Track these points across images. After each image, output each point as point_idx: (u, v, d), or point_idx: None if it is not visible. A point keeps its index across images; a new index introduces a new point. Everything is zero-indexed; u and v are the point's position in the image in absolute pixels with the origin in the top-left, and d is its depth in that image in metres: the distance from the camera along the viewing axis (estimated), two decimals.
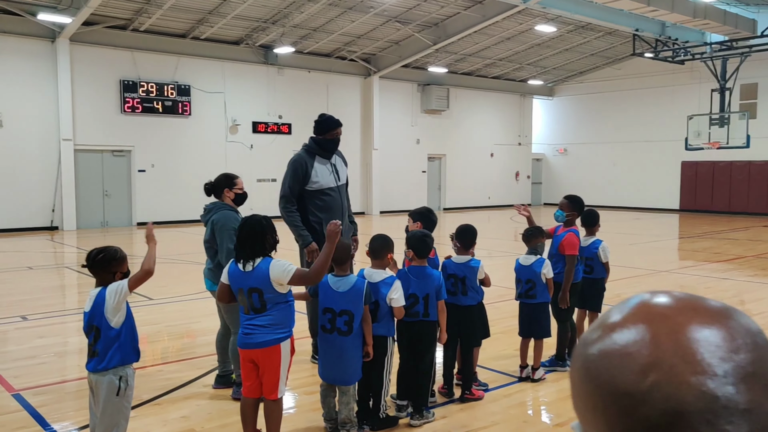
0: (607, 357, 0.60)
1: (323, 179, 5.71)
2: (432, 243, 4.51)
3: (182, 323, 7.53)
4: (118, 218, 18.98)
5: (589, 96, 28.26)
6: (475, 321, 4.89)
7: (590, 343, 0.63)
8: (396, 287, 4.12)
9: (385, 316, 4.13)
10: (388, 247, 4.28)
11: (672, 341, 0.58)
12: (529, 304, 5.30)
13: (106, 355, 3.35)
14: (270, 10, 18.27)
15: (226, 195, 5.13)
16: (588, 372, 0.61)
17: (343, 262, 4.07)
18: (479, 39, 22.03)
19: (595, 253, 5.81)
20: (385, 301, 4.10)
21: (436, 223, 5.10)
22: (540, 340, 5.30)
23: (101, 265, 3.45)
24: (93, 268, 3.46)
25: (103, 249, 3.51)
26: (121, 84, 18.58)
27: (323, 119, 6.00)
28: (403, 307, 4.16)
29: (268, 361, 3.64)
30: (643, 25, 21.02)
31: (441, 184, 26.67)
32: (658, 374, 0.57)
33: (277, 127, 21.79)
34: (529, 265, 5.30)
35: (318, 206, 5.65)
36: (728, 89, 21.68)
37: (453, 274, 4.87)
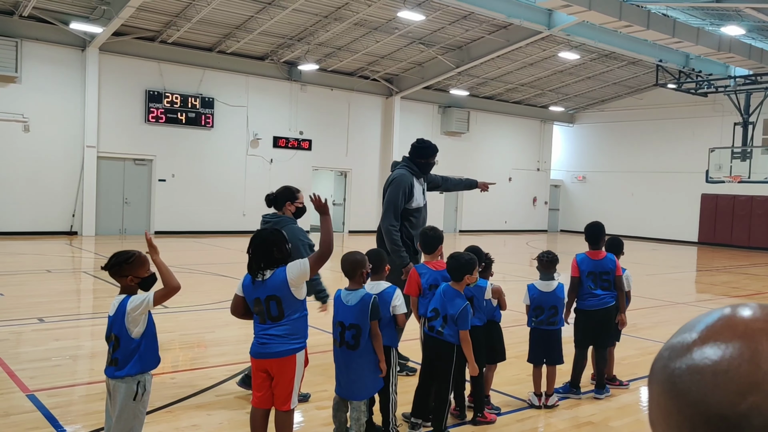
0: (697, 373, 0.55)
1: (419, 198, 6.07)
2: (467, 270, 4.40)
3: (196, 333, 7.57)
4: (137, 226, 19.17)
5: (610, 124, 28.20)
6: (481, 342, 4.75)
7: (676, 357, 0.58)
8: (397, 295, 4.16)
9: (387, 326, 4.13)
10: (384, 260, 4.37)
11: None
12: (547, 331, 5.20)
13: (126, 365, 3.36)
14: (296, 28, 18.52)
15: (287, 208, 5.29)
16: (674, 387, 0.56)
17: (352, 276, 4.07)
18: (502, 63, 22.14)
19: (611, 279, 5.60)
20: (387, 311, 4.11)
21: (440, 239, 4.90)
22: (554, 366, 5.25)
23: (114, 269, 3.47)
24: (109, 272, 3.49)
25: (117, 253, 3.52)
26: (147, 94, 18.88)
27: (427, 145, 6.20)
28: (405, 315, 4.19)
29: (281, 372, 3.64)
30: (666, 56, 21.00)
31: (458, 206, 26.65)
32: (758, 396, 0.51)
33: (297, 143, 21.97)
34: (552, 291, 5.20)
35: (411, 223, 5.92)
36: (751, 123, 21.54)
37: None
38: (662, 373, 0.59)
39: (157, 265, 3.53)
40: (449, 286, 4.43)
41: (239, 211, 20.68)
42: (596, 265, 5.43)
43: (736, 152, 21.11)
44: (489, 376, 5.02)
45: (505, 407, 5.20)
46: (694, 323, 0.60)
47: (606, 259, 5.48)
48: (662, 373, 0.59)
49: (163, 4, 16.47)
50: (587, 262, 5.47)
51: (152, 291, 3.45)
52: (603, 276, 5.42)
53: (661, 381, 0.58)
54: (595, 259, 5.47)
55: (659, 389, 0.58)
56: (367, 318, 3.91)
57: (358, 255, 4.14)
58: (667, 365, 0.59)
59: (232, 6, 16.75)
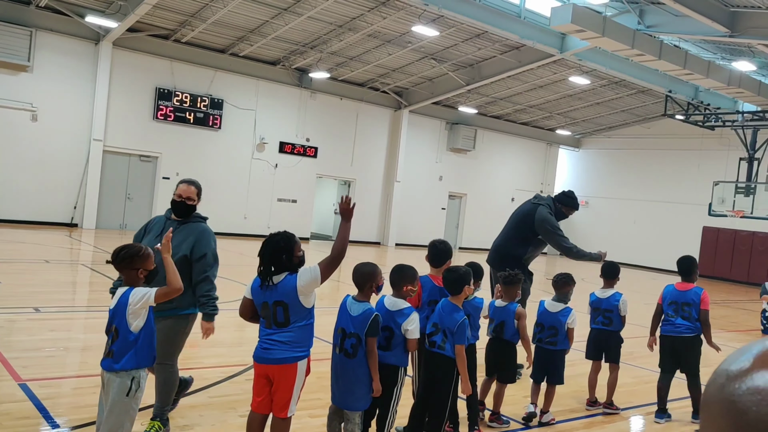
0: (757, 394, 0.57)
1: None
2: (465, 282, 4.40)
3: (192, 333, 7.49)
4: (137, 222, 19.07)
5: (616, 151, 28.26)
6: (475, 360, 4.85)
7: (734, 379, 0.59)
8: (413, 318, 4.05)
9: (399, 345, 4.08)
10: (406, 278, 4.19)
11: None
12: (548, 350, 5.38)
13: (121, 357, 3.35)
14: (309, 35, 18.61)
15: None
16: (733, 407, 0.58)
17: (361, 288, 4.03)
18: (512, 84, 22.21)
19: (615, 306, 5.88)
20: (400, 331, 4.06)
21: (448, 253, 4.89)
22: (553, 385, 5.37)
23: (125, 262, 3.47)
24: (118, 264, 3.49)
25: (126, 246, 3.53)
26: (157, 91, 18.93)
27: (574, 197, 7.11)
28: (417, 341, 4.11)
29: (283, 379, 3.61)
30: (676, 87, 21.08)
31: (459, 222, 26.64)
32: None
33: (303, 150, 22.00)
34: (555, 312, 5.41)
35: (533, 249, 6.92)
36: (757, 159, 21.57)
37: None
38: (720, 394, 0.60)
39: (166, 263, 3.53)
40: (448, 300, 4.41)
41: (241, 214, 20.68)
42: (680, 296, 5.82)
43: (740, 187, 21.11)
44: (501, 393, 5.19)
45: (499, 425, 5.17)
46: (749, 349, 0.62)
47: (691, 291, 5.81)
48: (720, 394, 0.60)
49: (180, 4, 16.56)
50: (672, 293, 5.90)
51: (154, 288, 3.44)
52: (684, 306, 5.77)
53: (719, 401, 0.60)
54: (680, 290, 5.86)
55: (717, 409, 0.60)
56: (365, 332, 3.87)
57: (370, 267, 4.04)
58: (725, 387, 0.60)
59: (248, 9, 16.84)
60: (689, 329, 5.72)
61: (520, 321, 5.18)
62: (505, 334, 5.19)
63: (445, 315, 4.34)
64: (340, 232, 3.72)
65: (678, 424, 5.86)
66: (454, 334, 4.26)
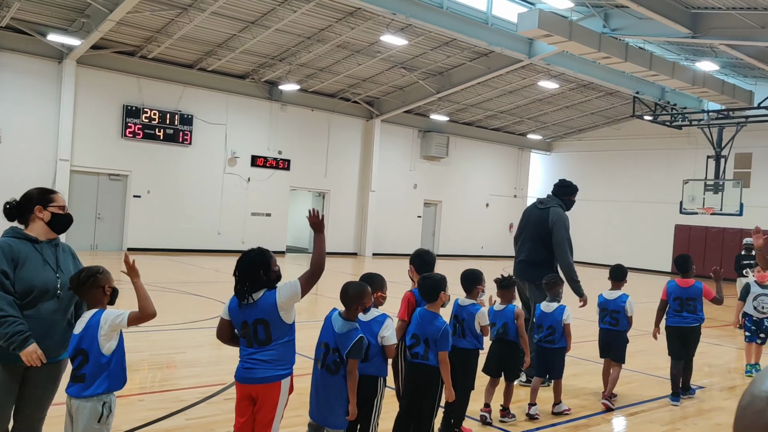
0: None
1: None
2: (441, 288, 4.36)
3: (167, 353, 7.35)
4: (109, 242, 18.80)
5: (587, 153, 28.57)
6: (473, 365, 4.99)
7: None
8: (387, 325, 4.00)
9: (376, 355, 4.01)
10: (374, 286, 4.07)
11: None
12: (548, 349, 5.75)
13: (93, 381, 3.21)
14: (278, 48, 18.51)
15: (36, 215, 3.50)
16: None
17: (347, 308, 3.93)
18: (482, 90, 22.34)
19: (622, 307, 6.21)
20: (377, 340, 3.99)
21: (433, 264, 4.95)
22: (557, 380, 5.79)
23: (88, 283, 3.33)
24: (81, 288, 3.34)
25: (84, 268, 3.41)
26: (125, 109, 18.64)
27: (572, 184, 7.26)
28: (394, 346, 4.03)
29: (266, 398, 3.51)
30: (643, 88, 21.41)
31: (435, 230, 26.66)
32: None
33: (276, 163, 21.84)
34: (550, 312, 5.77)
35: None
36: (723, 157, 21.96)
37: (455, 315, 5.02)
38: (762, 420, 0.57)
39: (137, 288, 3.40)
40: (425, 309, 4.35)
41: (214, 230, 20.42)
42: (683, 292, 6.48)
43: (708, 185, 21.47)
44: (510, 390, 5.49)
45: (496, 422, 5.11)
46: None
47: (693, 287, 6.48)
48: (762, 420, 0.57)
49: (145, 20, 16.35)
50: (676, 289, 6.53)
51: (128, 310, 3.32)
52: (689, 301, 6.45)
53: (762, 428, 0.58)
54: (683, 286, 6.50)
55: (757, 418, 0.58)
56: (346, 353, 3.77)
57: (357, 289, 3.93)
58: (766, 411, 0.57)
59: (215, 24, 16.70)
60: (695, 320, 6.46)
61: (519, 320, 5.40)
62: (509, 335, 5.42)
63: (426, 324, 4.27)
64: (315, 245, 3.64)
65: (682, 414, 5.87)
66: (437, 342, 4.20)
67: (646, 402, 6.50)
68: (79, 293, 3.37)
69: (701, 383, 7.38)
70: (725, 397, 6.94)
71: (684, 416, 6.20)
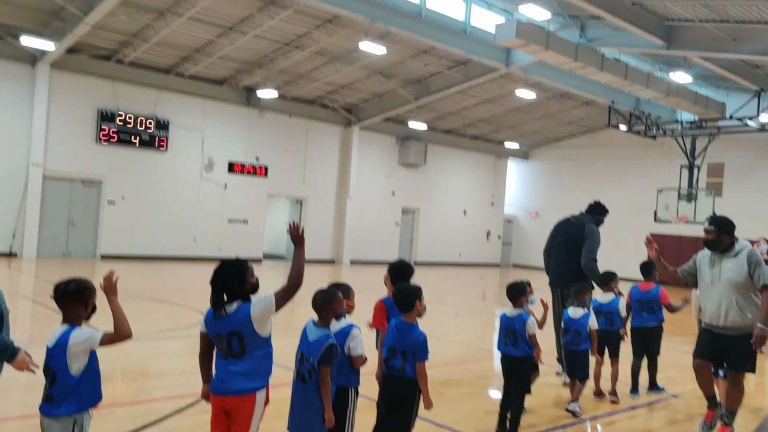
0: None
1: None
2: (416, 298, 4.34)
3: (141, 363, 7.21)
4: (82, 249, 18.48)
5: (563, 162, 28.85)
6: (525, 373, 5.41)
7: None
8: (354, 335, 3.97)
9: (345, 365, 3.98)
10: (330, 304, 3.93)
11: None
12: (573, 351, 6.33)
13: (62, 402, 3.10)
14: (256, 54, 18.42)
15: None
16: None
17: (319, 314, 3.90)
18: (460, 99, 22.46)
19: (615, 308, 6.89)
20: (344, 350, 3.95)
21: (411, 275, 4.96)
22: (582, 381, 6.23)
23: (74, 296, 3.21)
24: (64, 300, 3.23)
25: (73, 279, 3.29)
26: (99, 113, 18.38)
27: (605, 207, 8.21)
28: (362, 356, 3.99)
29: (241, 411, 3.44)
30: (619, 98, 21.69)
31: (413, 237, 26.68)
32: None
33: (253, 169, 21.69)
34: (578, 318, 6.35)
35: None
36: (696, 167, 22.34)
37: (505, 327, 5.38)
38: None
39: (113, 307, 3.27)
40: (401, 320, 4.32)
41: (190, 237, 20.19)
42: (643, 295, 7.07)
43: (682, 194, 21.80)
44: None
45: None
46: None
47: (652, 290, 7.04)
48: None
49: (121, 24, 16.16)
50: (637, 293, 7.11)
51: (101, 331, 3.22)
52: (648, 303, 7.02)
53: None
54: (643, 290, 7.08)
55: None
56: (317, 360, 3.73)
57: (328, 296, 3.91)
58: None
59: (192, 29, 16.56)
60: (653, 320, 7.02)
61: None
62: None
63: (403, 335, 4.23)
64: (295, 259, 3.58)
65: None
66: (415, 353, 4.16)
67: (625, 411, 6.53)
68: (60, 304, 3.25)
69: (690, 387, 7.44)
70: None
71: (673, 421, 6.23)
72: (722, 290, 5.37)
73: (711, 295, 5.47)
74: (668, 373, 8.09)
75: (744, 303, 5.31)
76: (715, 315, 5.41)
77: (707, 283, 5.53)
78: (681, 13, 14.50)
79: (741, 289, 5.32)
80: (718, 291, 5.40)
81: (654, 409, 6.75)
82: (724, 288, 5.37)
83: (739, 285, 5.32)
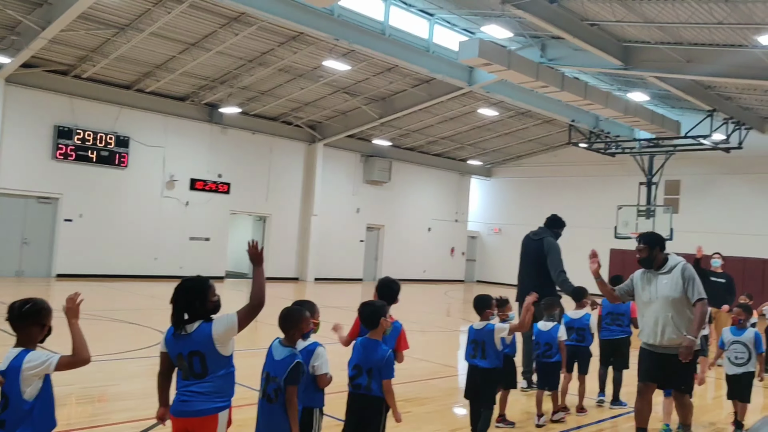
0: None
1: None
2: (381, 314, 4.29)
3: (98, 385, 6.98)
4: (36, 268, 17.93)
5: (525, 179, 29.26)
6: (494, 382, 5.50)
7: None
8: (318, 354, 3.91)
9: (309, 385, 3.91)
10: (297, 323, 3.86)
11: None
12: (545, 363, 6.45)
13: (14, 428, 2.96)
14: (219, 70, 18.27)
15: None
16: None
17: (285, 332, 3.84)
18: (424, 117, 22.63)
19: (587, 324, 7.01)
20: (308, 370, 3.89)
21: (398, 292, 4.95)
22: (555, 390, 6.44)
23: (30, 318, 3.09)
24: (19, 320, 3.09)
25: (30, 299, 3.16)
26: (56, 130, 17.95)
27: (561, 219, 8.62)
28: (327, 375, 3.93)
29: (202, 431, 3.34)
30: (579, 116, 22.13)
31: (378, 254, 26.63)
32: None
33: (215, 186, 21.42)
34: (547, 330, 6.50)
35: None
36: (654, 184, 22.89)
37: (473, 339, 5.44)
38: None
39: (73, 330, 3.16)
40: (367, 338, 4.28)
41: (151, 255, 19.78)
42: (614, 308, 7.23)
43: (641, 210, 22.29)
44: (504, 398, 6.12)
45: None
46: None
47: (623, 305, 7.02)
48: None
49: (79, 38, 15.86)
50: (608, 306, 7.29)
51: (57, 355, 3.09)
52: (619, 316, 7.26)
53: None
54: (614, 303, 6.90)
55: None
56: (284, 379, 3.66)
57: (296, 314, 3.87)
58: None
59: (154, 45, 16.35)
60: (622, 332, 7.25)
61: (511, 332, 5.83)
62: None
63: (369, 353, 4.19)
64: (255, 278, 3.53)
65: None
66: (381, 370, 4.12)
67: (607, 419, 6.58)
68: (15, 326, 3.12)
69: None
70: None
71: None
72: (658, 308, 5.30)
73: (648, 313, 5.39)
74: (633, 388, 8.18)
75: (680, 320, 5.24)
76: (652, 333, 5.32)
77: (644, 301, 5.46)
78: (637, 35, 14.91)
79: (677, 305, 5.26)
80: (654, 309, 5.33)
81: (617, 423, 6.81)
82: (660, 305, 5.30)
83: (675, 301, 5.26)
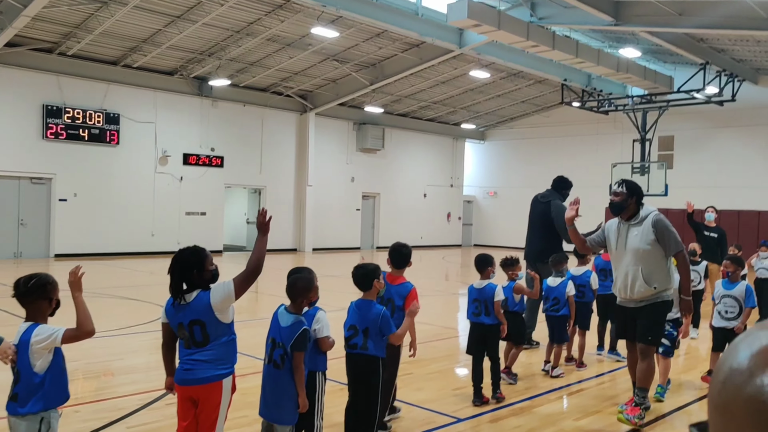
0: None
1: None
2: (374, 276, 4.34)
3: (103, 360, 7.06)
4: (34, 249, 17.94)
5: (519, 141, 29.18)
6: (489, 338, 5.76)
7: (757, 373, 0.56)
8: (319, 317, 3.99)
9: (312, 349, 3.97)
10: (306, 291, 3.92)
11: None
12: (553, 317, 6.76)
13: (27, 401, 3.02)
14: (206, 42, 18.04)
15: None
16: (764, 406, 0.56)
17: (294, 299, 3.87)
18: (415, 81, 22.44)
19: (588, 281, 7.25)
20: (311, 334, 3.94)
21: (409, 255, 5.14)
22: (560, 345, 6.71)
23: (36, 292, 3.13)
24: (26, 296, 3.14)
25: (34, 274, 3.22)
26: (44, 109, 17.78)
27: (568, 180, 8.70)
28: (329, 339, 3.99)
29: (208, 399, 3.41)
30: (571, 75, 21.98)
31: (375, 222, 26.68)
32: None
33: (209, 160, 21.33)
34: (556, 286, 6.81)
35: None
36: (648, 140, 22.84)
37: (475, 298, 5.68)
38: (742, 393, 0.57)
39: (77, 303, 3.22)
40: (361, 299, 4.35)
41: (147, 232, 19.79)
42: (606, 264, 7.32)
43: (635, 167, 22.28)
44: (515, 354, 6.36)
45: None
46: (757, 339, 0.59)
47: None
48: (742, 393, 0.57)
49: (62, 15, 15.61)
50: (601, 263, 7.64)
51: (63, 327, 3.13)
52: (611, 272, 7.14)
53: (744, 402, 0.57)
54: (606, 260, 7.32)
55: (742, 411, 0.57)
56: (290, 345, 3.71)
57: (306, 283, 3.89)
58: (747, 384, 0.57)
59: (138, 18, 16.10)
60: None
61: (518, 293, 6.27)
62: (510, 306, 6.16)
63: (363, 313, 4.26)
64: (256, 245, 3.55)
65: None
66: (381, 329, 4.19)
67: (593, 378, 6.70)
68: (23, 302, 3.16)
69: None
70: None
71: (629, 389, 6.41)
72: (628, 260, 5.07)
73: (619, 265, 5.19)
74: None
75: (649, 273, 4.99)
76: (623, 287, 5.12)
77: (614, 252, 5.26)
78: None
79: (647, 257, 5.00)
80: (624, 261, 5.11)
81: (616, 376, 6.93)
82: (630, 258, 5.07)
83: (645, 253, 5.00)
